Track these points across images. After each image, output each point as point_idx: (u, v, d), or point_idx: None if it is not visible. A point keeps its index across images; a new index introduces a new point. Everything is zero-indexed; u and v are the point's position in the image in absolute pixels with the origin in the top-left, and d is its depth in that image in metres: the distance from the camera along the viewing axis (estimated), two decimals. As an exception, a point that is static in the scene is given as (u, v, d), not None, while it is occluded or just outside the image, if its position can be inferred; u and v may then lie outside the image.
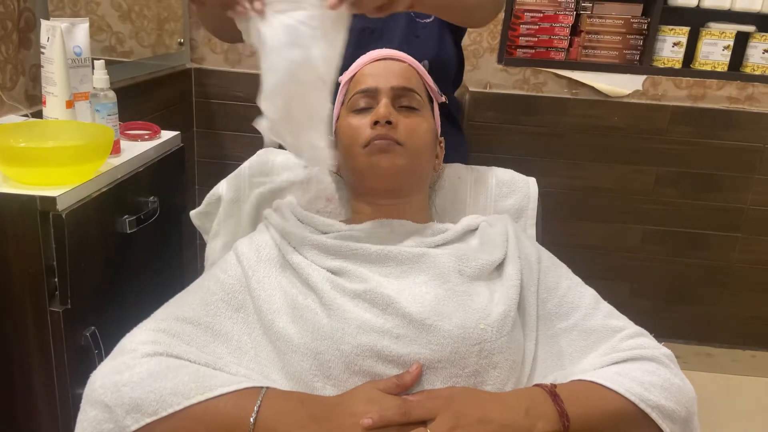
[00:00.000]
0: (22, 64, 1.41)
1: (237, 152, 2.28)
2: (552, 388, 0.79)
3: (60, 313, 1.07)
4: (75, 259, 1.07)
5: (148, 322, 0.86)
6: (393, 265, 0.90)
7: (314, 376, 0.81)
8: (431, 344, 0.81)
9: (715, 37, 2.14)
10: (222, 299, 0.89)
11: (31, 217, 1.03)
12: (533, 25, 2.13)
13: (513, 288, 0.87)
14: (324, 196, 1.16)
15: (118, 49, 1.82)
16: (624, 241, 2.35)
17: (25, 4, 1.40)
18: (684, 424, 0.81)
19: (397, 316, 0.82)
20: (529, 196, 1.16)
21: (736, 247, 2.34)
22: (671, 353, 0.86)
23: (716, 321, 2.42)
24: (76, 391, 1.10)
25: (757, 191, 2.27)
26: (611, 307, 0.94)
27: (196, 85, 2.26)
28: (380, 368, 0.80)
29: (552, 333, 0.91)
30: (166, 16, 2.06)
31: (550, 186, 2.26)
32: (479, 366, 0.81)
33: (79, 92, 1.26)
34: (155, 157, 1.37)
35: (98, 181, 1.15)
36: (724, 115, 2.20)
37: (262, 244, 0.94)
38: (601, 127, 2.23)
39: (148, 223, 1.29)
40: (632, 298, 2.41)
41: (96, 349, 1.13)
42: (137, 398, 0.74)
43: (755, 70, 2.16)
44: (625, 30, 2.14)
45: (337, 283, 0.87)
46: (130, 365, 0.77)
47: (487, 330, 0.82)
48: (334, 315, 0.83)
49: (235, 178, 1.15)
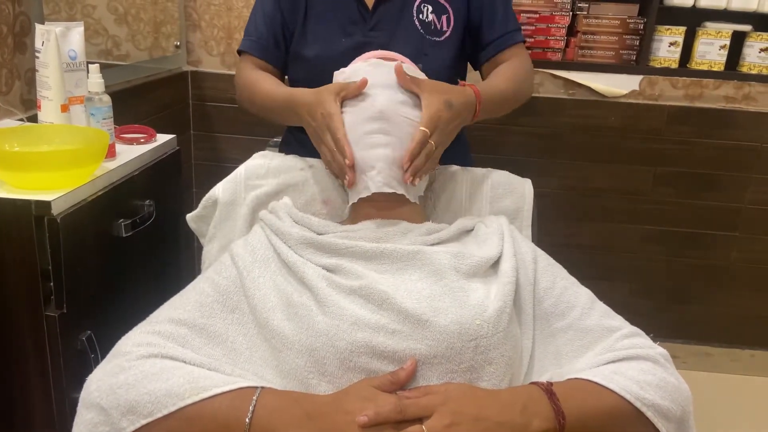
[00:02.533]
0: (17, 69, 1.41)
1: (234, 155, 2.28)
2: (548, 386, 0.79)
3: (56, 317, 1.07)
4: (70, 263, 1.07)
5: (144, 324, 0.86)
6: (388, 262, 0.90)
7: (309, 373, 0.81)
8: (427, 340, 0.81)
9: (712, 36, 2.14)
10: (217, 300, 0.89)
11: (26, 221, 1.03)
12: (529, 26, 2.13)
13: (509, 285, 0.88)
14: (320, 199, 1.16)
15: (115, 52, 1.82)
16: (622, 241, 2.35)
17: (20, 8, 1.40)
18: (679, 423, 0.81)
19: (393, 311, 0.82)
20: (524, 197, 1.16)
21: (735, 247, 2.34)
22: (667, 353, 0.86)
23: (715, 321, 2.42)
24: (73, 395, 1.10)
25: (754, 190, 2.27)
26: (607, 307, 0.94)
27: (193, 88, 2.26)
28: (375, 364, 0.80)
29: (548, 332, 0.91)
30: (162, 19, 2.06)
31: (547, 186, 2.26)
32: (475, 362, 0.81)
33: (74, 96, 1.26)
34: (151, 160, 1.36)
35: (93, 185, 1.15)
36: (721, 115, 2.20)
37: (256, 245, 0.94)
38: (598, 127, 2.23)
39: (144, 226, 1.29)
40: (631, 298, 2.41)
41: (92, 353, 1.13)
42: (132, 400, 0.74)
43: (752, 70, 2.17)
44: (621, 30, 2.14)
45: (332, 280, 0.87)
46: (125, 367, 0.77)
47: (483, 326, 0.82)
48: (329, 312, 0.83)
49: (231, 181, 1.15)
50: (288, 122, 1.23)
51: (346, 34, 1.23)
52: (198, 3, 2.18)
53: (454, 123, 1.03)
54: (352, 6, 1.24)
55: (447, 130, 1.02)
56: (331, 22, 1.24)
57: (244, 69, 1.28)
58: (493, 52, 1.27)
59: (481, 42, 1.27)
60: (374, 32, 1.22)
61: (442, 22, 1.23)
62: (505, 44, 1.27)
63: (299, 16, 1.25)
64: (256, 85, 1.23)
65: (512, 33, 1.27)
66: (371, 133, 0.99)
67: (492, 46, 1.27)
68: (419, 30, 1.23)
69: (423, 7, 1.23)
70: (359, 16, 1.23)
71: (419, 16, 1.23)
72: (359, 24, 1.23)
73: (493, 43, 1.27)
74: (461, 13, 1.25)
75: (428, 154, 0.99)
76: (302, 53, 1.25)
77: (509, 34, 1.27)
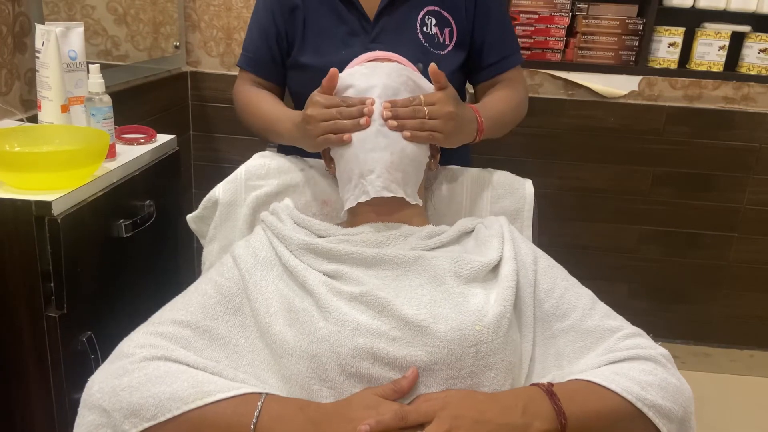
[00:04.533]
0: (17, 69, 1.41)
1: (234, 155, 2.28)
2: (549, 387, 0.79)
3: (56, 318, 1.07)
4: (71, 263, 1.07)
5: (146, 325, 0.86)
6: (389, 269, 0.90)
7: (310, 379, 0.81)
8: (427, 346, 0.81)
9: (711, 37, 2.14)
10: (219, 302, 0.89)
11: (27, 221, 1.03)
12: (529, 27, 2.14)
13: (509, 289, 0.87)
14: (320, 199, 1.16)
15: (114, 52, 1.81)
16: (621, 241, 2.35)
17: (20, 9, 1.39)
18: (681, 423, 0.81)
19: (394, 318, 0.82)
20: (525, 197, 1.16)
21: (733, 247, 2.34)
22: (668, 353, 0.86)
23: (714, 321, 2.43)
24: (73, 396, 1.10)
25: (753, 191, 2.27)
26: (608, 307, 0.94)
27: (192, 88, 2.26)
28: (376, 371, 0.80)
29: (549, 334, 0.91)
30: (161, 19, 2.06)
31: (546, 187, 2.26)
32: (475, 367, 0.81)
33: (74, 96, 1.26)
34: (151, 160, 1.36)
35: (94, 186, 1.15)
36: (719, 116, 2.21)
37: (258, 247, 0.94)
38: (598, 127, 2.23)
39: (144, 227, 1.29)
40: (630, 299, 2.41)
41: (92, 354, 1.13)
42: (135, 403, 0.74)
43: (751, 70, 2.17)
44: (620, 31, 2.15)
45: (333, 286, 0.87)
46: (128, 369, 0.77)
47: (483, 331, 0.82)
48: (330, 318, 0.83)
49: (231, 182, 1.15)
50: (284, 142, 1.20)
51: (346, 46, 1.21)
52: (197, 3, 2.17)
53: (455, 122, 1.02)
54: (353, 17, 1.22)
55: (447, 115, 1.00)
56: (331, 34, 1.23)
57: (241, 86, 1.29)
58: (491, 75, 1.29)
59: (481, 63, 1.28)
60: (375, 44, 1.20)
61: (444, 36, 1.23)
62: (504, 68, 1.28)
63: (298, 28, 1.24)
64: (252, 106, 1.24)
65: (511, 57, 1.29)
66: (370, 136, 0.99)
67: (491, 69, 1.28)
68: (423, 43, 1.22)
69: (427, 19, 1.22)
70: (360, 28, 1.22)
71: (423, 28, 1.22)
72: (360, 35, 1.22)
73: (493, 66, 1.28)
74: (465, 29, 1.24)
75: (416, 111, 0.98)
76: (301, 64, 1.24)
77: (508, 59, 1.28)
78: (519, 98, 1.28)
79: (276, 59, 1.27)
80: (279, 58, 1.27)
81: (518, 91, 1.29)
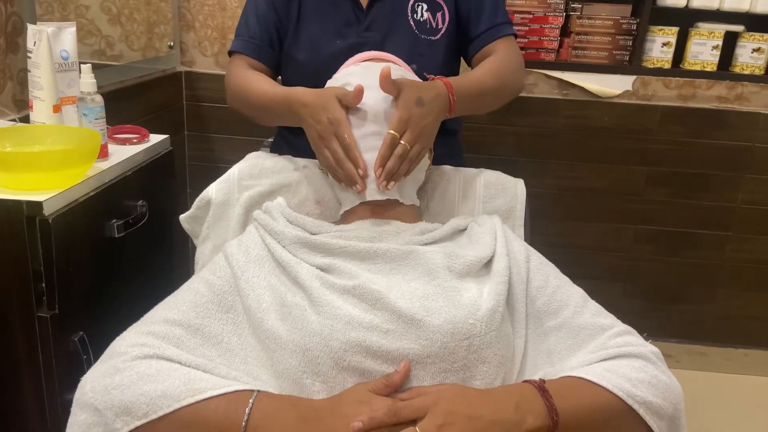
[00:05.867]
0: (9, 69, 1.41)
1: (228, 155, 2.28)
2: (541, 384, 0.79)
3: (48, 318, 1.06)
4: (62, 263, 1.07)
5: (138, 325, 0.86)
6: (382, 262, 0.90)
7: (303, 373, 0.81)
8: (420, 339, 0.81)
9: (704, 37, 2.15)
10: (211, 301, 0.88)
11: (18, 222, 1.03)
12: (523, 27, 2.14)
13: (502, 284, 0.88)
14: (314, 199, 1.16)
15: (108, 52, 1.81)
16: (616, 241, 2.36)
17: (12, 9, 1.39)
18: (671, 420, 0.81)
19: (386, 311, 0.82)
20: (517, 197, 1.16)
21: (728, 246, 2.35)
22: (658, 351, 0.86)
23: (709, 320, 2.43)
24: (65, 397, 1.09)
25: (747, 190, 2.28)
26: (599, 305, 0.94)
27: (187, 88, 2.26)
28: (369, 364, 0.80)
29: (541, 331, 0.91)
30: (155, 19, 2.06)
31: (541, 186, 2.27)
32: (468, 361, 0.81)
33: (66, 96, 1.25)
34: (144, 160, 1.36)
35: (85, 186, 1.15)
36: (713, 115, 2.21)
37: (250, 245, 0.94)
38: (592, 127, 2.24)
39: (137, 227, 1.29)
40: (625, 298, 2.41)
41: (84, 355, 1.13)
42: (127, 401, 0.74)
43: (744, 70, 2.18)
44: (614, 31, 2.15)
45: (325, 279, 0.87)
46: (120, 368, 0.77)
47: (476, 325, 0.82)
48: (322, 311, 0.83)
49: (224, 182, 1.15)
50: (284, 122, 1.22)
51: (340, 36, 1.22)
52: (192, 3, 2.17)
53: (427, 120, 1.01)
54: (347, 6, 1.23)
55: (420, 128, 0.99)
56: (325, 24, 1.23)
57: (236, 69, 1.26)
58: (480, 46, 1.26)
59: (469, 35, 1.27)
60: (368, 32, 1.22)
61: (437, 20, 1.23)
62: (493, 37, 1.25)
63: (292, 16, 1.25)
64: (251, 85, 1.21)
65: (500, 26, 1.26)
66: (364, 137, 0.99)
67: (479, 39, 1.26)
68: (414, 30, 1.23)
69: (417, 6, 1.23)
70: (354, 17, 1.23)
71: (413, 15, 1.22)
72: (353, 25, 1.23)
73: (481, 36, 1.26)
74: (452, 8, 1.25)
75: (401, 155, 0.97)
76: (295, 55, 1.25)
77: (497, 27, 1.26)
78: (507, 68, 1.22)
79: (274, 44, 1.27)
80: (277, 43, 1.27)
81: (507, 60, 1.24)
